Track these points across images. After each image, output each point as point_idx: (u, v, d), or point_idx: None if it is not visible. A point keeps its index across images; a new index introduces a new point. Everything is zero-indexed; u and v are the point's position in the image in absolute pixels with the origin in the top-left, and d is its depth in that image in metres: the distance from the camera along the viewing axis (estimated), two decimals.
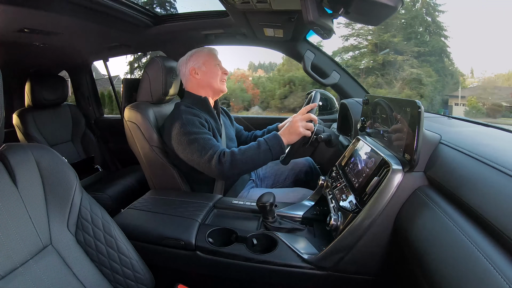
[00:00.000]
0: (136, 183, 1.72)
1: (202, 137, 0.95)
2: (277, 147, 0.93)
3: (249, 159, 0.91)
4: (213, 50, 1.16)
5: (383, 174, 0.61)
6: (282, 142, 0.94)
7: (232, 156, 0.91)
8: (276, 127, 1.33)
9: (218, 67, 1.12)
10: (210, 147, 0.93)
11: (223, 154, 0.91)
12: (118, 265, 0.67)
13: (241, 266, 0.70)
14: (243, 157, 0.91)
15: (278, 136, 0.94)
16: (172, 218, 0.81)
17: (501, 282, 0.33)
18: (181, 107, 1.04)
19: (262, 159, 0.93)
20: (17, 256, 0.53)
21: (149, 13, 1.28)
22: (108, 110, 6.43)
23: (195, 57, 1.11)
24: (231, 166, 0.90)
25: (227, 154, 0.91)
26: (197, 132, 0.96)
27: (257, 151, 0.92)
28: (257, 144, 0.94)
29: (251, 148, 0.93)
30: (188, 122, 0.97)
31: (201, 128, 0.98)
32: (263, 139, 0.95)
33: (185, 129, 0.96)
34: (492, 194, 0.42)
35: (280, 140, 0.94)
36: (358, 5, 0.61)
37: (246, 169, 0.93)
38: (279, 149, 0.93)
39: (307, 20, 0.67)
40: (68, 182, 0.64)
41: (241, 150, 0.92)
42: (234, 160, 0.90)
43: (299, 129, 0.94)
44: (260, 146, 0.93)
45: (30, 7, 0.92)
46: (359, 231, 0.62)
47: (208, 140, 0.95)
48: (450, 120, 0.95)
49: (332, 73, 1.35)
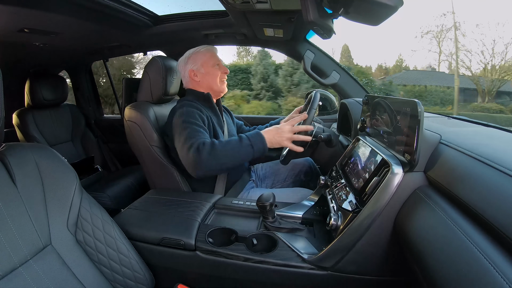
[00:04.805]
0: (136, 183, 1.72)
1: (194, 128, 0.93)
2: (260, 144, 0.89)
3: (229, 152, 0.86)
4: (212, 49, 1.14)
5: (383, 174, 0.61)
6: (264, 140, 0.90)
7: (212, 146, 0.86)
8: (279, 123, 1.33)
9: (217, 67, 1.12)
10: (195, 137, 0.89)
11: (203, 144, 0.87)
12: (117, 265, 0.67)
13: (241, 266, 0.70)
14: (223, 149, 0.86)
15: (261, 134, 0.91)
16: (172, 218, 0.81)
17: (501, 282, 0.33)
18: (184, 101, 1.04)
19: (243, 155, 0.88)
20: (17, 256, 0.53)
21: (149, 13, 1.28)
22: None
23: (193, 58, 1.11)
24: (209, 157, 0.84)
25: (207, 143, 0.87)
26: (192, 122, 0.94)
27: (238, 145, 0.88)
28: (238, 138, 0.90)
29: (232, 141, 0.89)
30: (187, 112, 0.97)
31: (197, 120, 0.96)
32: (245, 135, 0.91)
33: (183, 118, 0.95)
34: (492, 194, 0.42)
35: (262, 138, 0.90)
36: (358, 5, 0.61)
37: (224, 163, 0.87)
38: (261, 147, 0.89)
39: (307, 20, 0.67)
40: (68, 182, 0.64)
41: (222, 142, 0.88)
42: (213, 150, 0.85)
43: (283, 141, 0.91)
44: (242, 140, 0.89)
45: (30, 7, 0.92)
46: (359, 231, 0.62)
47: (197, 132, 0.92)
48: (450, 120, 0.95)
49: (332, 73, 1.35)
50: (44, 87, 1.71)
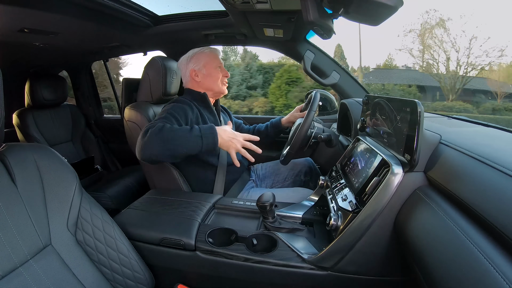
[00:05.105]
0: (136, 183, 1.72)
1: (167, 116, 0.91)
2: (210, 139, 0.86)
3: (176, 138, 0.83)
4: (215, 51, 1.15)
5: (383, 174, 0.61)
6: (216, 136, 0.87)
7: (161, 129, 0.83)
8: (280, 121, 1.33)
9: (219, 70, 1.12)
10: (156, 121, 0.87)
11: (153, 126, 0.84)
12: (117, 265, 0.67)
13: (241, 266, 0.70)
14: (170, 134, 0.83)
15: (215, 130, 0.88)
16: (172, 218, 0.81)
17: (501, 282, 0.33)
18: (179, 98, 1.05)
19: (191, 144, 0.84)
20: (17, 256, 0.53)
21: (149, 13, 1.28)
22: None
23: (195, 58, 1.11)
24: (155, 138, 0.81)
25: (158, 126, 0.84)
26: (170, 113, 0.93)
27: (187, 133, 0.85)
28: (190, 127, 0.87)
29: (183, 128, 0.86)
30: (174, 107, 0.98)
31: (178, 114, 0.94)
32: (200, 126, 0.88)
33: (165, 108, 0.97)
34: (492, 194, 0.42)
35: (215, 133, 0.87)
36: (358, 5, 0.61)
37: (168, 148, 0.82)
38: (211, 142, 0.86)
39: (307, 20, 0.67)
40: (68, 182, 0.64)
41: (172, 127, 0.85)
42: (160, 132, 0.82)
43: (231, 147, 0.89)
44: (192, 130, 0.86)
45: (30, 7, 0.92)
46: (359, 231, 0.62)
47: (167, 119, 0.90)
48: (450, 120, 0.95)
49: (332, 73, 1.35)
50: (44, 87, 1.71)
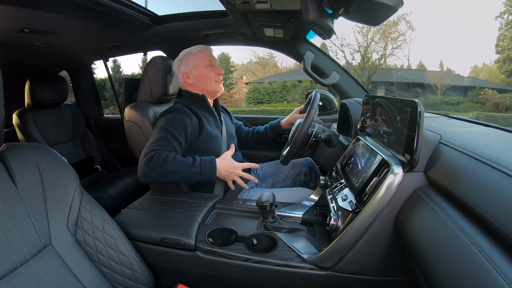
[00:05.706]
0: (136, 183, 1.72)
1: (166, 136, 0.93)
2: (208, 175, 0.92)
3: (177, 172, 0.88)
4: (205, 49, 1.12)
5: (383, 174, 0.61)
6: (215, 172, 0.93)
7: (164, 161, 0.87)
8: (279, 122, 1.33)
9: (211, 69, 1.10)
10: (159, 146, 0.90)
11: (158, 156, 0.87)
12: (117, 265, 0.67)
13: (241, 266, 0.70)
14: (171, 167, 0.87)
15: (215, 166, 0.93)
16: (172, 218, 0.81)
17: (501, 282, 0.33)
18: (178, 105, 1.04)
19: (189, 178, 0.90)
20: (17, 256, 0.53)
21: (149, 13, 1.28)
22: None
23: (185, 60, 1.09)
24: (156, 169, 0.86)
25: (162, 156, 0.87)
26: (169, 131, 0.94)
27: (188, 169, 0.89)
28: (192, 162, 0.91)
29: (184, 163, 0.89)
30: (172, 119, 0.97)
31: (177, 130, 0.95)
32: (201, 160, 0.92)
33: (164, 122, 0.96)
34: (492, 194, 0.42)
35: (214, 169, 0.92)
36: (358, 5, 0.61)
37: (167, 181, 0.89)
38: (209, 178, 0.92)
39: (307, 20, 0.67)
40: (68, 182, 0.64)
41: (175, 160, 0.88)
42: (163, 164, 0.86)
43: (227, 179, 0.97)
44: (193, 166, 0.90)
45: (30, 7, 0.93)
46: (359, 231, 0.62)
47: (166, 141, 0.92)
48: (450, 120, 0.95)
49: (332, 73, 1.35)
50: (44, 87, 1.71)
